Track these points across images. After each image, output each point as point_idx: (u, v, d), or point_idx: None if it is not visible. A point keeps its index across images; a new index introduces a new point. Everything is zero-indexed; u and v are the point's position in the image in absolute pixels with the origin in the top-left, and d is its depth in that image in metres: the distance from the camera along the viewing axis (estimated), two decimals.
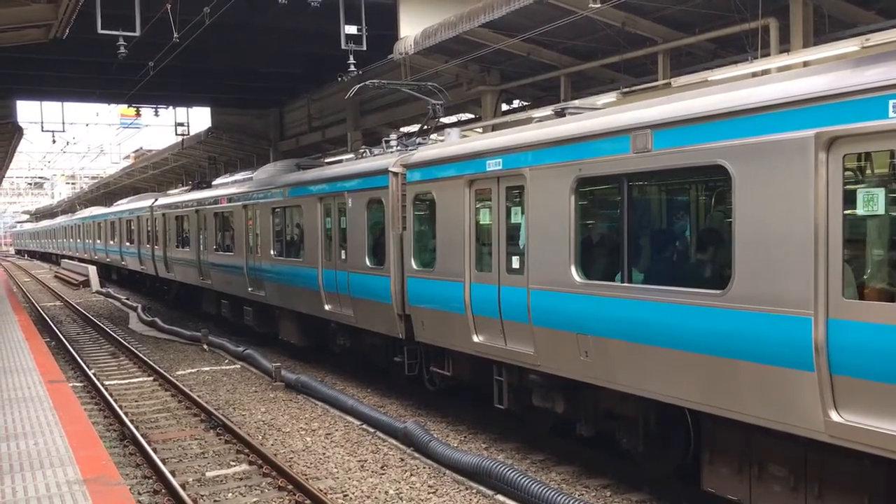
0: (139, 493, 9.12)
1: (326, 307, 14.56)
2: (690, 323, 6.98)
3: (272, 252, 17.16)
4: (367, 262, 12.96)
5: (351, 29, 17.90)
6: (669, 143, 7.18)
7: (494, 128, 16.44)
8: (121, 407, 13.08)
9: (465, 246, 10.31)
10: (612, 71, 17.65)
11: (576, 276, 8.34)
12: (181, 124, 37.24)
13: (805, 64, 10.94)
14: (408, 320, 11.91)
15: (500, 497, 8.58)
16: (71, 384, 13.55)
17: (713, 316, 6.75)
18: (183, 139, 38.72)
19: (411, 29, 18.45)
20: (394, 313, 12.12)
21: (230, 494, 9.14)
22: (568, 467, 9.68)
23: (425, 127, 14.35)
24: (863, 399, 5.64)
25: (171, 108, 36.18)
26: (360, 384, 14.89)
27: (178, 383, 14.79)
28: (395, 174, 12.10)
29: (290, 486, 9.12)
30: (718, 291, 6.73)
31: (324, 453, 10.60)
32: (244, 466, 10.12)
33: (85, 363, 17.02)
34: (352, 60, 18.29)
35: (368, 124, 28.09)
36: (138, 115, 42.83)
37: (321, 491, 8.86)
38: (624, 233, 7.85)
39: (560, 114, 9.73)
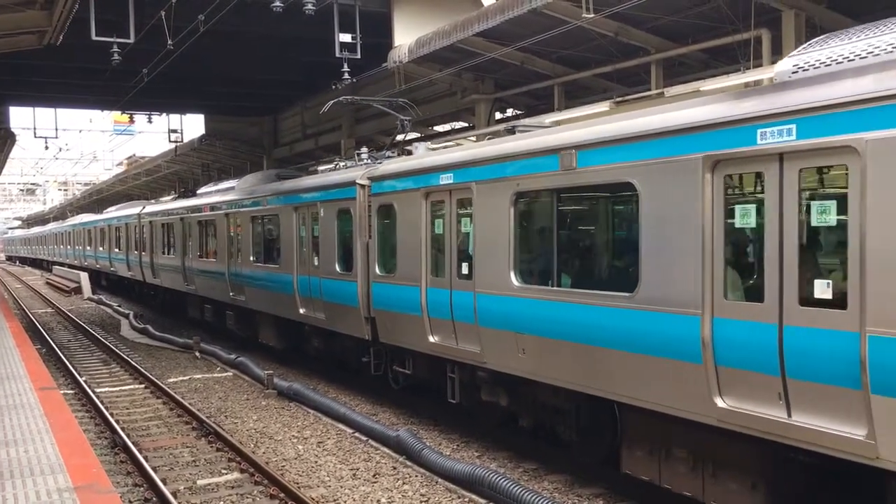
0: (130, 502, 9.10)
1: (301, 311, 15.37)
2: (607, 322, 7.94)
3: (252, 258, 18.03)
4: (337, 268, 13.82)
5: (345, 37, 17.90)
6: (590, 162, 8.20)
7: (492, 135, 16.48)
8: (112, 414, 13.03)
9: (422, 253, 11.24)
10: (606, 80, 17.70)
11: (514, 280, 9.33)
12: (175, 131, 37.15)
13: None
14: (373, 323, 12.76)
15: None
16: (62, 391, 13.48)
17: (624, 316, 7.71)
18: (176, 146, 38.61)
19: (405, 37, 18.48)
20: (361, 316, 12.97)
21: (221, 503, 9.11)
22: (560, 476, 9.68)
23: (399, 139, 14.63)
24: (741, 387, 6.59)
25: (164, 114, 36.11)
26: (352, 392, 14.86)
27: (169, 391, 14.74)
28: (362, 186, 12.99)
29: (281, 495, 9.09)
30: (628, 294, 7.67)
31: (316, 461, 10.57)
32: (236, 474, 10.09)
33: (76, 370, 16.96)
34: (346, 69, 18.31)
35: (362, 132, 28.10)
36: (132, 121, 42.69)
37: (313, 499, 8.84)
38: (554, 242, 8.92)
39: (511, 131, 10.53)
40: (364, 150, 15.51)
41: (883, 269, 5.55)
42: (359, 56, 18.12)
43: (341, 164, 15.60)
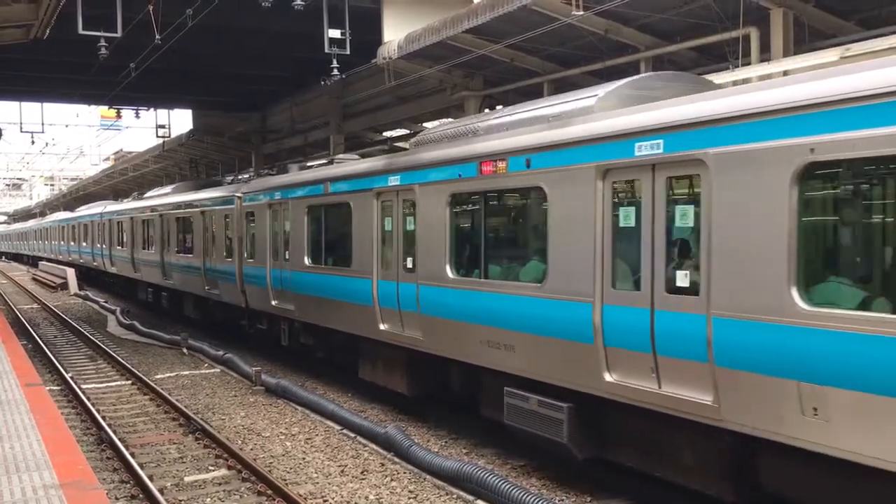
0: (116, 498, 9.04)
1: (206, 288, 20.61)
2: (343, 285, 13.17)
3: (176, 250, 23.37)
4: (225, 256, 19.08)
5: (334, 33, 17.81)
6: (334, 190, 13.72)
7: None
8: (98, 411, 12.96)
9: (266, 245, 16.61)
10: (595, 78, 17.67)
11: (307, 261, 14.75)
12: (162, 126, 36.87)
13: (785, 73, 11.03)
14: (245, 294, 17.95)
15: (480, 502, 8.57)
16: (48, 388, 13.40)
17: (345, 281, 13.03)
18: (164, 141, 38.37)
19: (395, 33, 18.41)
20: (238, 290, 18.20)
21: (209, 499, 9.07)
22: (548, 472, 9.69)
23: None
24: (390, 319, 11.75)
25: (152, 109, 35.84)
26: (340, 389, 14.85)
27: (156, 387, 14.67)
28: (239, 198, 18.40)
29: (269, 492, 9.07)
30: (348, 268, 13.00)
31: (304, 458, 10.55)
32: (223, 471, 10.05)
33: (62, 366, 16.85)
34: (335, 64, 18.24)
35: (352, 128, 28.02)
36: (119, 116, 42.46)
37: (301, 496, 8.82)
38: (322, 237, 14.33)
39: (330, 162, 15.73)
40: (251, 169, 20.86)
41: (434, 249, 10.64)
42: (348, 52, 18.05)
43: (242, 177, 21.30)
